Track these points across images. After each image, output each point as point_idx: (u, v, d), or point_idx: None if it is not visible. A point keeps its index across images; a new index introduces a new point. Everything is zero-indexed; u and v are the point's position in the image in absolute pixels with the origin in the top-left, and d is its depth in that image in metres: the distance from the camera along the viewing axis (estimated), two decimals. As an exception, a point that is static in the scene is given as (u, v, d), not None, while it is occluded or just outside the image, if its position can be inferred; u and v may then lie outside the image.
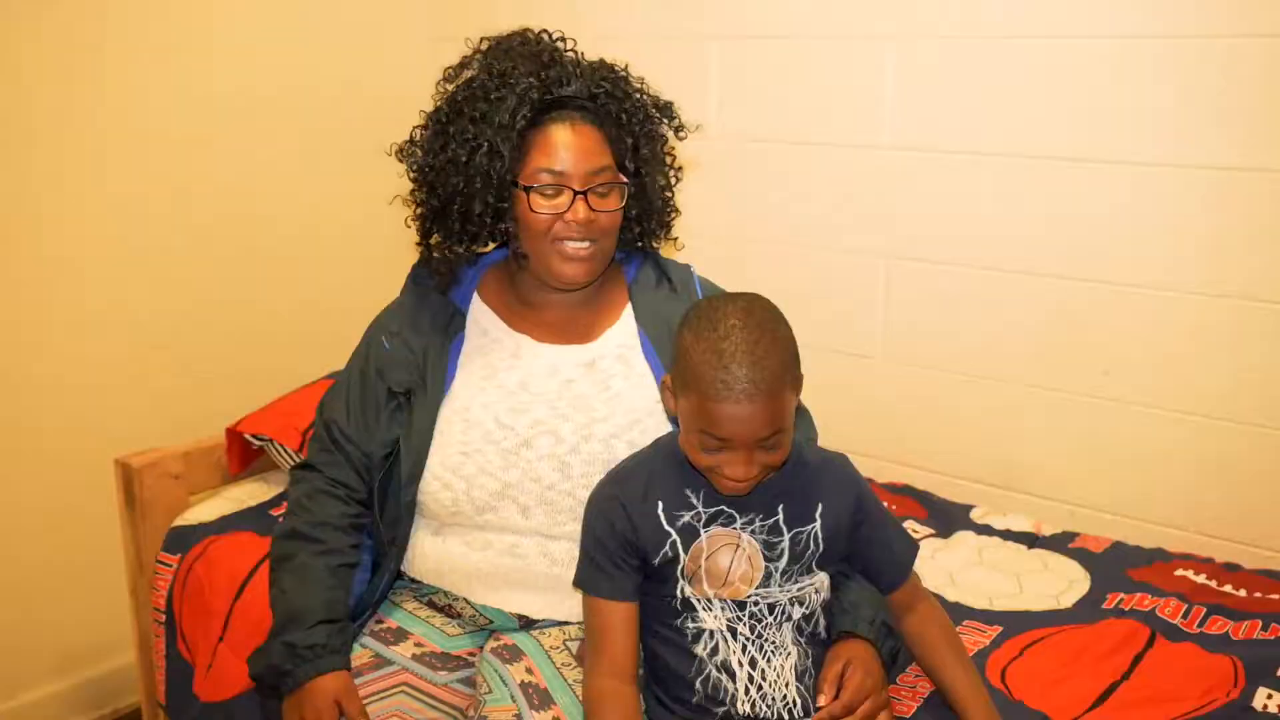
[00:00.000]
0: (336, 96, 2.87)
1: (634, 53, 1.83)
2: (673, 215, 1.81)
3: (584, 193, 1.61)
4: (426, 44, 2.99)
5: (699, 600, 1.45)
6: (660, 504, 1.47)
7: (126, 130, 2.50)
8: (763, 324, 1.39)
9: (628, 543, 1.47)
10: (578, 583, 1.52)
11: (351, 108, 2.88)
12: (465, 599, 1.66)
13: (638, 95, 1.71)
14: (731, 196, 2.67)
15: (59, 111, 2.39)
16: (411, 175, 1.72)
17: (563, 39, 1.74)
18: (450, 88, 1.71)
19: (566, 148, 1.61)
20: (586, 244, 1.64)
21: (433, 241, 1.74)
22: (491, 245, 1.78)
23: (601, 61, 1.72)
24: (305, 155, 2.83)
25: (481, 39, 1.73)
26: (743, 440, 1.37)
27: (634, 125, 1.69)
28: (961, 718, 1.51)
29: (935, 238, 2.40)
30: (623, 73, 1.72)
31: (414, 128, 1.74)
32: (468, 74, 1.70)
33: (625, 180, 1.67)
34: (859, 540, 1.54)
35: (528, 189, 1.61)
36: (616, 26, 2.73)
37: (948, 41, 2.32)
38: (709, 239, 2.62)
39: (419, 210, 1.73)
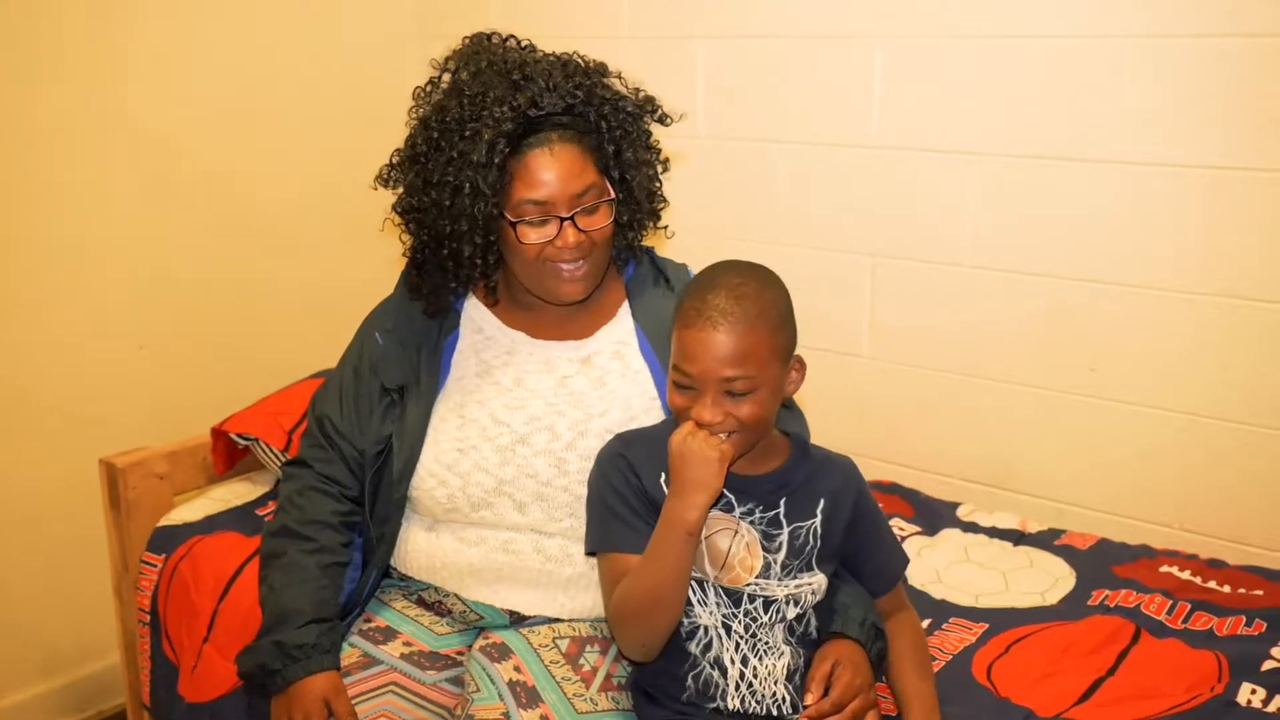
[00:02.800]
0: (326, 96, 2.86)
1: (621, 52, 1.82)
2: (661, 205, 1.78)
3: (571, 217, 1.60)
4: (416, 42, 2.99)
5: (693, 590, 1.45)
6: (663, 475, 1.46)
7: (112, 131, 2.48)
8: (754, 275, 1.43)
9: (644, 495, 1.46)
10: (596, 545, 1.49)
11: (341, 107, 2.87)
12: (456, 595, 1.66)
13: (615, 97, 1.68)
14: (719, 195, 2.67)
15: (45, 114, 2.38)
16: (398, 212, 1.70)
17: (530, 47, 1.72)
18: (423, 113, 1.67)
19: (548, 174, 1.58)
20: (580, 263, 1.64)
21: (423, 278, 1.71)
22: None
23: (573, 63, 1.68)
24: (293, 154, 2.82)
25: (447, 58, 1.70)
26: (707, 373, 1.37)
27: (614, 130, 1.66)
28: None
29: (923, 236, 2.40)
30: (596, 72, 1.69)
31: (393, 152, 1.71)
32: (438, 98, 1.67)
33: (612, 196, 1.66)
34: (853, 542, 1.55)
35: (514, 223, 1.60)
36: (603, 26, 2.73)
37: (935, 41, 2.32)
38: (696, 238, 2.62)
39: (409, 245, 1.71)
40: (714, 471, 1.37)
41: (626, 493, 1.47)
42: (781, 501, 1.48)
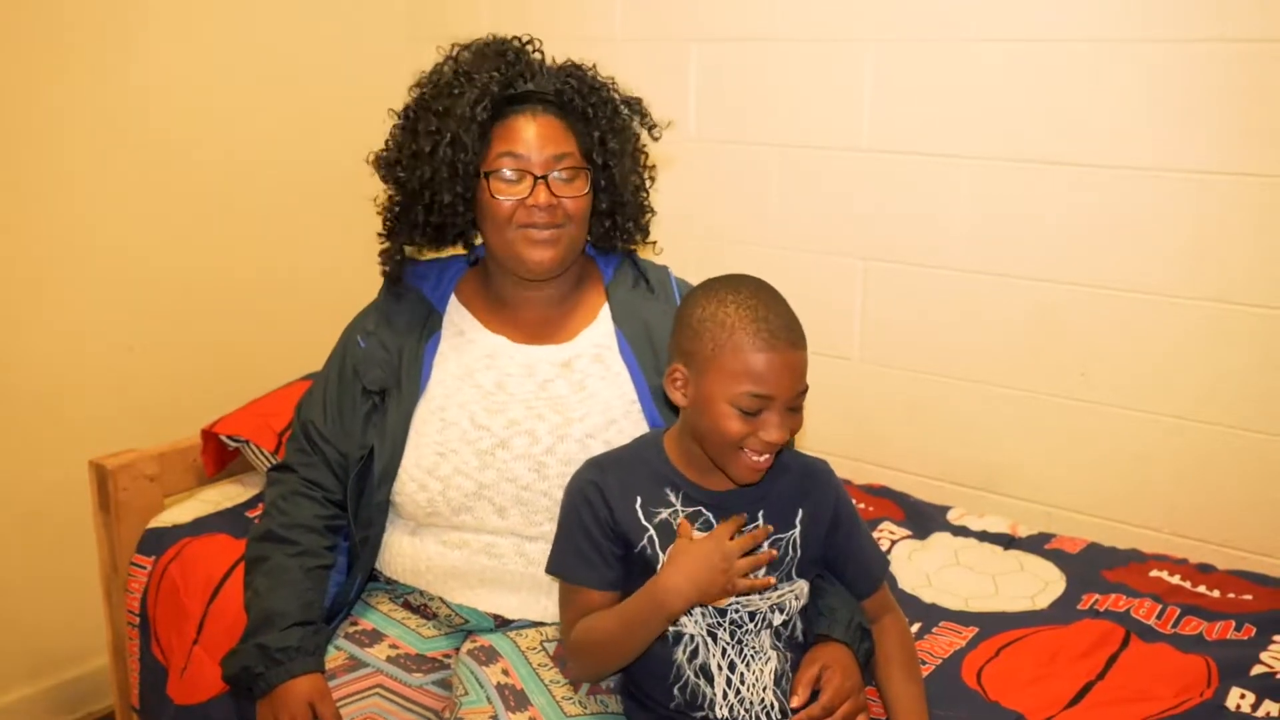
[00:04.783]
0: (317, 98, 2.86)
1: (613, 54, 1.83)
2: (647, 216, 1.81)
3: (544, 177, 1.62)
4: (406, 44, 2.99)
5: None
6: (639, 499, 1.46)
7: (101, 133, 2.48)
8: (774, 291, 1.44)
9: (610, 529, 1.45)
10: (554, 568, 1.50)
11: (332, 109, 2.86)
12: (441, 598, 1.65)
13: (604, 91, 1.73)
14: (710, 198, 2.67)
15: (35, 116, 2.37)
16: (381, 172, 1.74)
17: (531, 42, 1.75)
18: (419, 90, 1.73)
19: (526, 135, 1.64)
20: (551, 230, 1.64)
21: (391, 234, 1.75)
22: (455, 248, 1.81)
23: (569, 62, 1.74)
24: (284, 155, 2.82)
25: (453, 45, 1.74)
26: (785, 391, 1.38)
27: (600, 119, 1.70)
28: None
29: (913, 240, 2.41)
30: (590, 71, 1.74)
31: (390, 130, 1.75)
32: (435, 74, 1.72)
33: (588, 166, 1.68)
34: (833, 546, 1.54)
35: (489, 174, 1.63)
36: (596, 28, 2.73)
37: (926, 44, 2.33)
38: (687, 241, 2.62)
39: (388, 204, 1.75)
40: (720, 590, 1.40)
41: (593, 529, 1.46)
42: (760, 514, 1.48)
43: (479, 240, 1.79)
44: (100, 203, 2.50)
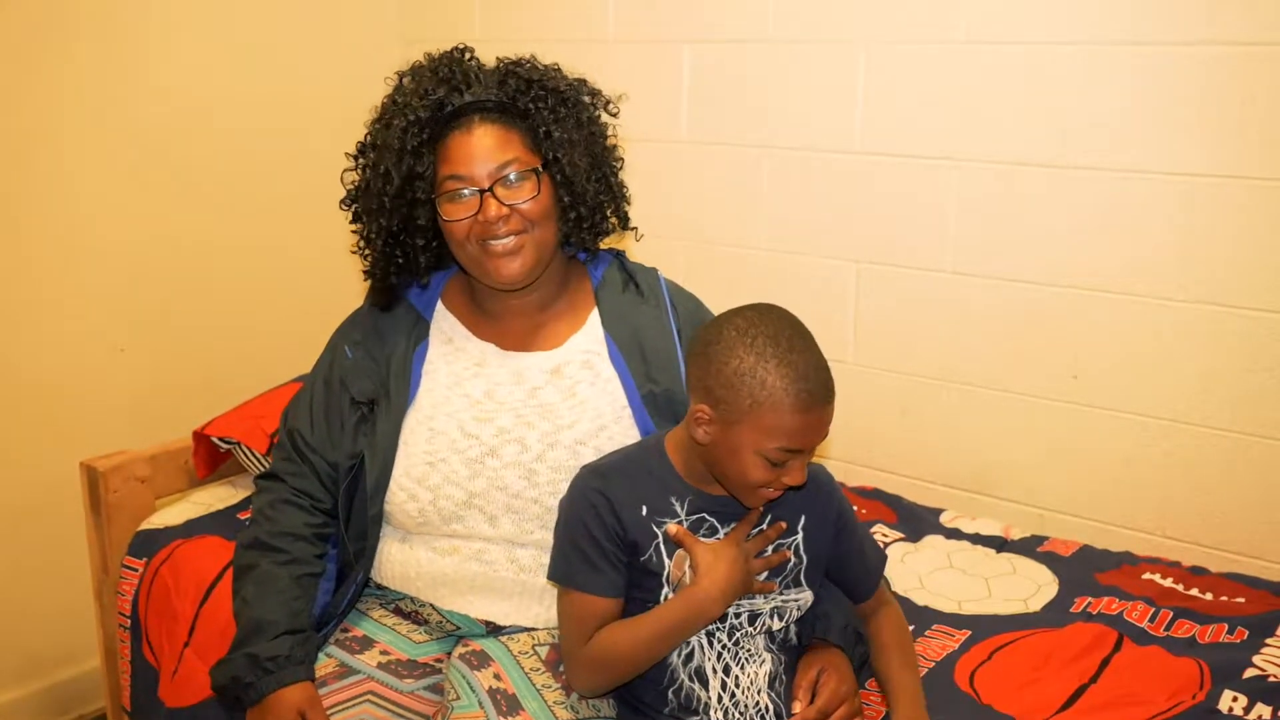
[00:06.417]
0: (309, 99, 2.85)
1: (606, 55, 1.82)
2: (610, 202, 1.75)
3: (490, 190, 1.60)
4: (398, 46, 2.98)
5: None
6: (644, 507, 1.46)
7: (92, 133, 2.47)
8: (805, 330, 1.44)
9: (617, 537, 1.44)
10: (557, 576, 1.48)
11: (324, 111, 2.85)
12: (432, 605, 1.65)
13: (545, 81, 1.69)
14: (702, 200, 2.67)
15: (25, 117, 2.36)
16: (346, 212, 1.76)
17: (466, 51, 1.73)
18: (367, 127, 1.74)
19: (465, 152, 1.62)
20: (511, 239, 1.63)
21: (372, 270, 1.76)
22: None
23: (507, 60, 1.71)
24: (276, 156, 2.81)
25: (398, 73, 1.74)
26: (815, 444, 1.40)
27: (542, 112, 1.67)
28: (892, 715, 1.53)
29: (906, 242, 2.41)
30: (529, 63, 1.71)
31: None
32: (380, 109, 1.72)
33: (535, 167, 1.64)
34: (838, 553, 1.55)
35: (439, 198, 1.63)
36: (588, 29, 2.72)
37: (919, 47, 2.32)
38: (680, 242, 2.63)
39: (360, 243, 1.76)
40: (745, 588, 1.45)
41: (600, 536, 1.44)
42: (767, 519, 1.48)
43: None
44: (92, 204, 2.49)
